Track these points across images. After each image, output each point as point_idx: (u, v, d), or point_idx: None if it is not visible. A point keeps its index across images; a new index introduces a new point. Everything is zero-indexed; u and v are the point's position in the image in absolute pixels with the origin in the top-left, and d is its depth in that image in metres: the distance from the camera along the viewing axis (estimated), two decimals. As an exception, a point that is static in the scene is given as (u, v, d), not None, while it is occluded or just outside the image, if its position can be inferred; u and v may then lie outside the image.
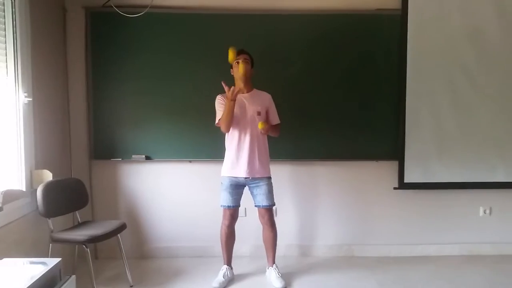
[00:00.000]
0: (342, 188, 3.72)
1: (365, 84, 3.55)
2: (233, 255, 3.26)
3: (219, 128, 3.10)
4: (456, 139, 3.58)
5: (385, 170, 3.67)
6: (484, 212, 3.76)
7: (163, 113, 3.50)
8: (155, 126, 3.52)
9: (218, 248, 3.30)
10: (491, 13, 3.50)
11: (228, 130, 3.04)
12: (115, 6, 3.36)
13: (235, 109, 2.96)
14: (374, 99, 3.56)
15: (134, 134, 3.52)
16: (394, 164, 3.62)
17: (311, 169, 3.70)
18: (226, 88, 2.91)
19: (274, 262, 3.22)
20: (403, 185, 3.61)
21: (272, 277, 3.16)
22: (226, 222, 3.14)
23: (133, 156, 3.53)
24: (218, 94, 3.11)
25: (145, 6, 3.36)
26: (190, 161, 3.60)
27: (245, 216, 3.53)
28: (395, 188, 3.65)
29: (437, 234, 3.76)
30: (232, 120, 2.99)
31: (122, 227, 3.06)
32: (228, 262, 3.23)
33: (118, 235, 3.04)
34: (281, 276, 3.14)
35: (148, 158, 3.54)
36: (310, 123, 3.55)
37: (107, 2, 3.39)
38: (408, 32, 3.49)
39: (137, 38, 3.47)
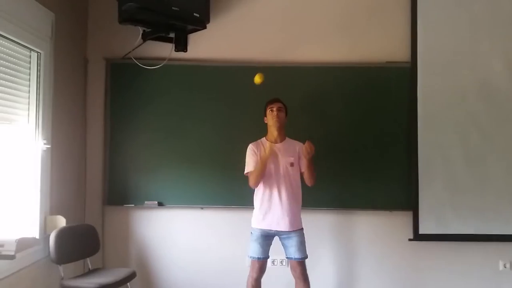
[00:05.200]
0: (353, 239, 3.64)
1: (377, 135, 3.57)
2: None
3: (235, 176, 3.17)
4: (470, 191, 3.52)
5: (399, 221, 3.60)
6: (504, 266, 3.62)
7: (176, 160, 3.55)
8: (168, 173, 3.55)
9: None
10: (501, 66, 3.54)
11: (256, 186, 3.02)
12: (135, 58, 3.51)
13: (268, 162, 2.96)
14: (386, 150, 3.57)
15: (148, 180, 3.55)
16: (408, 215, 3.56)
17: (320, 218, 3.62)
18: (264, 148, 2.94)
19: None
20: (418, 236, 3.53)
21: None
22: (254, 275, 3.01)
23: (145, 202, 3.54)
24: (249, 143, 3.11)
25: (163, 59, 3.50)
26: (201, 208, 3.60)
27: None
28: (410, 240, 3.57)
29: (455, 289, 3.62)
30: (263, 177, 2.98)
31: (131, 276, 3.03)
32: None
33: (128, 283, 3.00)
34: None
35: (160, 204, 3.55)
36: (320, 172, 3.52)
37: (127, 54, 3.55)
38: (417, 84, 3.55)
39: (154, 89, 3.58)
